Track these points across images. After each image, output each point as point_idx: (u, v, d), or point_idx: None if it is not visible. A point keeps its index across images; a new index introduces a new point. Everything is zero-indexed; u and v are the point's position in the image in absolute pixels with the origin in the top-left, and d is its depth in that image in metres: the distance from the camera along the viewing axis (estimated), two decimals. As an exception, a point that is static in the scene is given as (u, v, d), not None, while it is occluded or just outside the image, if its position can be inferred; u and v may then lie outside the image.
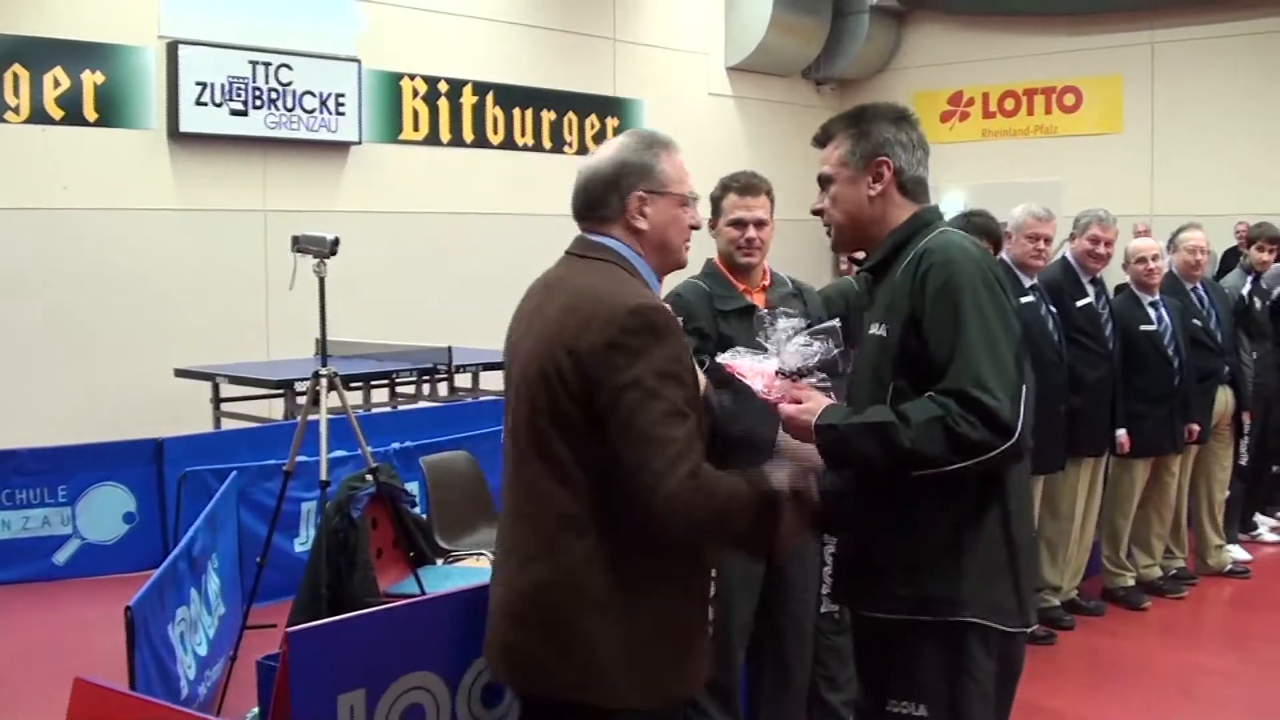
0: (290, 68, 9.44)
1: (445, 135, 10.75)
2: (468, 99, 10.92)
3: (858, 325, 2.67)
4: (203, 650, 4.25)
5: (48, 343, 8.32)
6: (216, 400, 7.80)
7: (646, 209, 2.38)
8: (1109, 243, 5.39)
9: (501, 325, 2.52)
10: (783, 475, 2.29)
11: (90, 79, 8.51)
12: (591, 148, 11.13)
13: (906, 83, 14.21)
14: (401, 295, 9.92)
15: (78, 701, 2.64)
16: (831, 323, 2.46)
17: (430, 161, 10.61)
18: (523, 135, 11.38)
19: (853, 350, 2.60)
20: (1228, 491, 6.33)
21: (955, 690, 2.32)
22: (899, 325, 2.35)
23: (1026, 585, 2.42)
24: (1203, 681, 4.83)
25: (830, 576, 3.66)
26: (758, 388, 2.39)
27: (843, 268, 13.01)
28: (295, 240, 4.65)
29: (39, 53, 8.26)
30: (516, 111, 11.30)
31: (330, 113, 9.73)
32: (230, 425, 7.62)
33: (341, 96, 9.78)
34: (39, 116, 8.29)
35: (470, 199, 10.77)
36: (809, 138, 2.60)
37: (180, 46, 8.85)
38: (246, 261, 9.16)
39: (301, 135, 9.58)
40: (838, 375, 2.40)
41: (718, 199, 3.58)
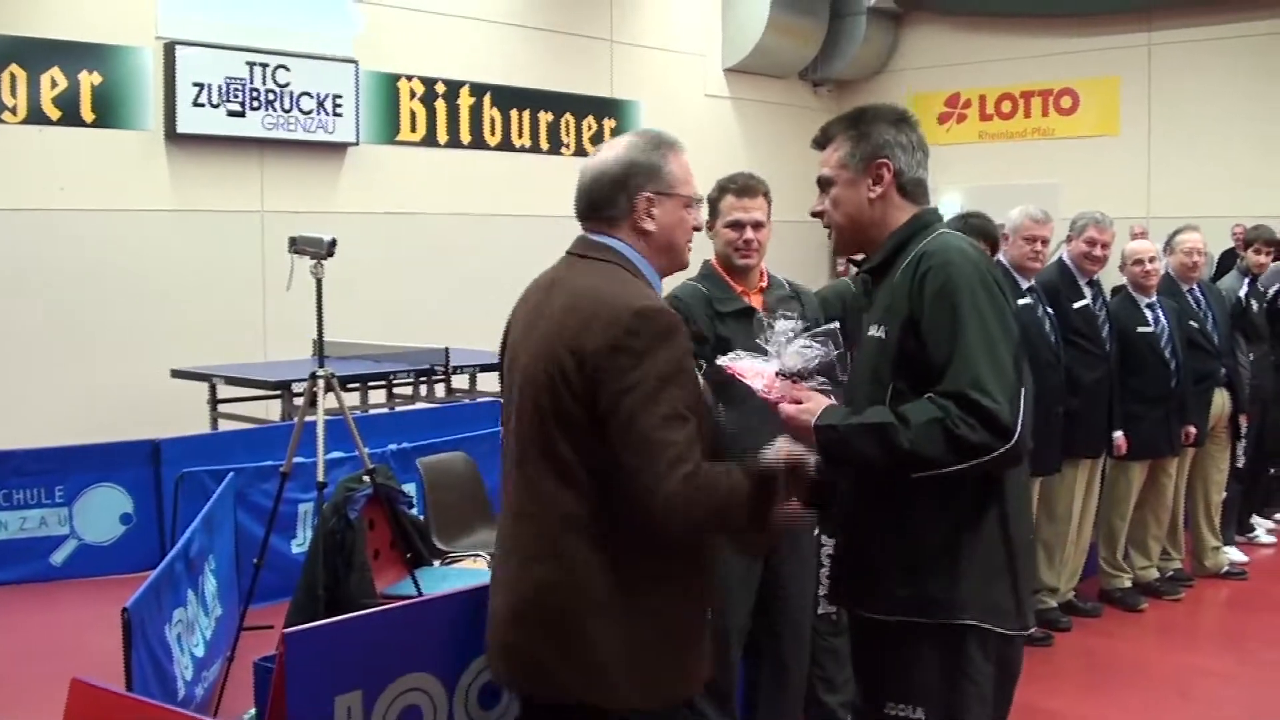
0: (287, 69, 9.44)
1: (442, 136, 10.75)
2: (465, 100, 10.92)
3: (855, 327, 2.67)
4: (200, 651, 4.25)
5: (44, 343, 8.30)
6: (214, 401, 7.80)
7: (654, 210, 2.37)
8: (1106, 245, 5.40)
9: (499, 326, 2.51)
10: (778, 449, 2.27)
11: (87, 79, 8.50)
12: (589, 149, 11.15)
13: (904, 84, 14.22)
14: (399, 296, 9.91)
15: (75, 702, 2.64)
16: (831, 325, 2.45)
17: (427, 163, 10.60)
18: (520, 136, 11.38)
19: (850, 353, 2.60)
20: (1224, 493, 6.34)
21: (953, 693, 2.33)
22: (898, 327, 2.36)
23: (1025, 587, 2.42)
24: (1199, 683, 4.83)
25: (828, 577, 3.67)
26: (758, 388, 2.39)
27: (839, 269, 13.01)
28: (292, 241, 4.65)
29: (36, 53, 8.25)
30: (514, 113, 11.30)
31: (327, 114, 9.73)
32: (227, 426, 7.61)
33: (339, 97, 9.77)
34: (36, 117, 8.27)
35: (467, 200, 10.76)
36: (806, 139, 2.60)
37: (177, 47, 8.85)
38: (244, 262, 9.17)
39: (299, 136, 9.57)
40: (837, 382, 2.40)
41: (715, 200, 3.57)
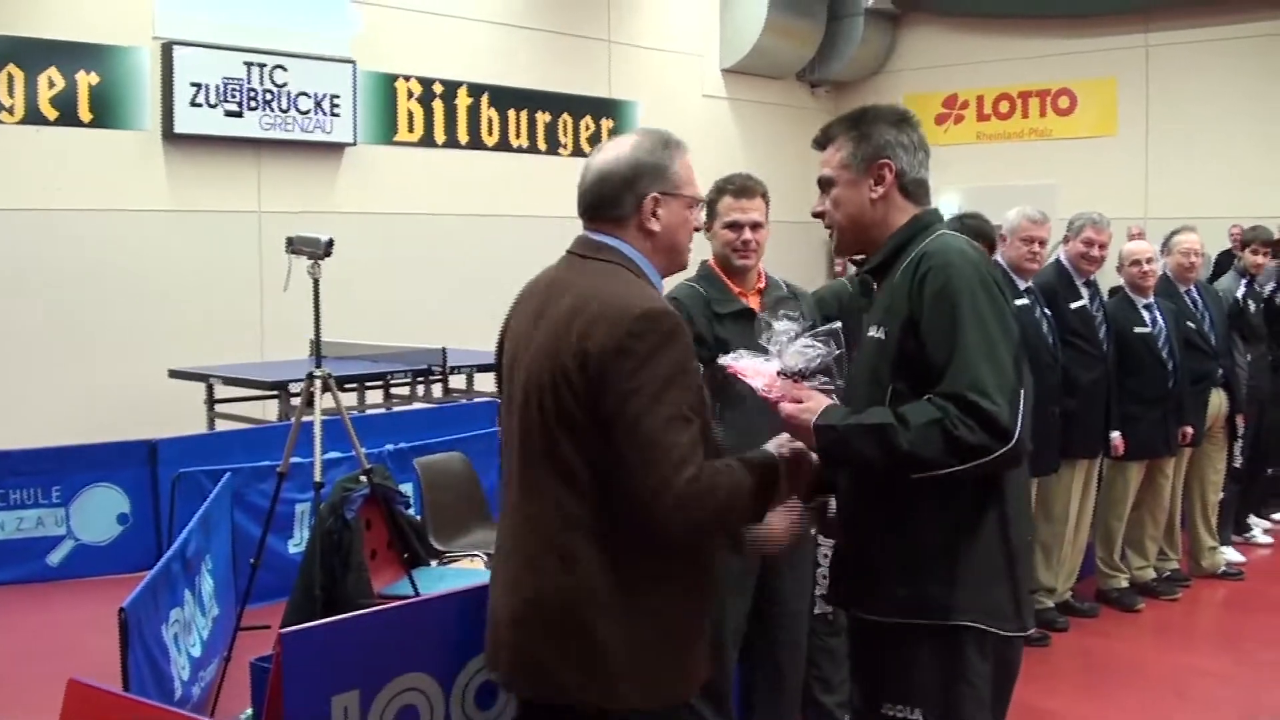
0: (285, 69, 9.44)
1: (440, 137, 10.75)
2: (462, 100, 10.92)
3: (854, 327, 2.67)
4: (196, 651, 4.24)
5: (42, 343, 8.30)
6: (211, 401, 7.80)
7: (660, 210, 2.36)
8: (1103, 245, 5.40)
9: (496, 327, 2.50)
10: (779, 442, 2.29)
11: (85, 80, 8.49)
12: (587, 149, 11.15)
13: (901, 85, 14.23)
14: (396, 296, 9.91)
15: (71, 702, 2.64)
16: (834, 325, 2.45)
17: (425, 163, 10.60)
18: (517, 137, 11.38)
19: (849, 353, 2.60)
20: (1221, 494, 6.34)
21: (951, 695, 2.32)
22: (897, 327, 2.35)
23: (1024, 589, 2.41)
24: (1196, 683, 4.83)
25: (825, 578, 3.67)
26: (758, 387, 2.39)
27: (837, 270, 13.02)
28: (290, 241, 4.64)
29: (34, 53, 8.24)
30: (511, 113, 11.30)
31: (325, 114, 9.73)
32: (224, 426, 7.62)
33: (336, 98, 9.77)
34: (33, 117, 8.27)
35: (465, 200, 10.76)
36: (804, 140, 2.60)
37: (175, 47, 8.85)
38: (241, 263, 9.17)
39: (296, 136, 9.57)
40: (836, 383, 2.41)
41: (712, 201, 3.57)
